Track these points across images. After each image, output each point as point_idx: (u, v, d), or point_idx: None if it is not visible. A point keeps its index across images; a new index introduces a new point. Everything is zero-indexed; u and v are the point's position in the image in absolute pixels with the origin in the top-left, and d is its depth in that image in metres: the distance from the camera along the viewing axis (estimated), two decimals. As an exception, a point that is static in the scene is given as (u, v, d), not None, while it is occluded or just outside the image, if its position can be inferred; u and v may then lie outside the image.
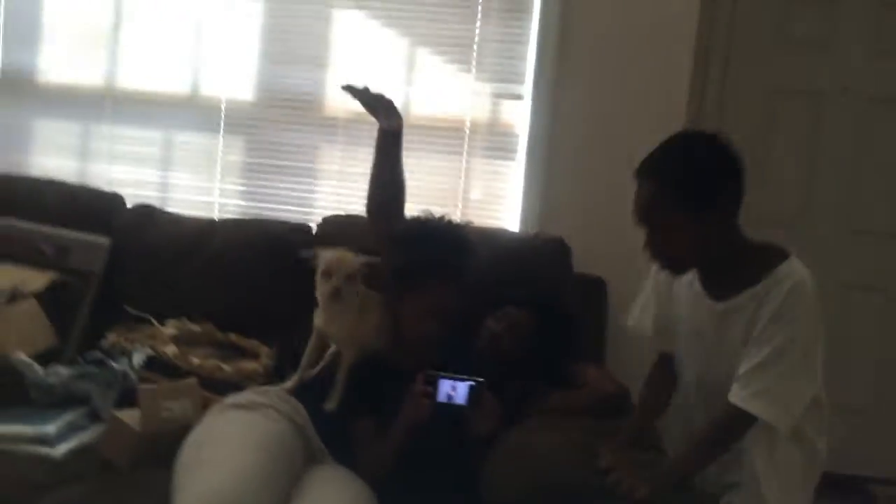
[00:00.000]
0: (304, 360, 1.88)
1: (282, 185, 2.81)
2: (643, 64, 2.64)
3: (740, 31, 3.20)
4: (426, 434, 1.66)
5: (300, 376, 1.87)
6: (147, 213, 2.53)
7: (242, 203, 2.83)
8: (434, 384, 1.66)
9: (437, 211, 1.92)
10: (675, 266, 1.55)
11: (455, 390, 1.67)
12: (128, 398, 1.84)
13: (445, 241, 1.86)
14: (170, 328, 2.16)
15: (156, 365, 2.00)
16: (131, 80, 2.86)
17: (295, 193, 2.81)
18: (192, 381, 1.87)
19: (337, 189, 2.80)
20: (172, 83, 2.85)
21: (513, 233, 2.63)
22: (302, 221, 2.57)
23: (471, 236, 1.91)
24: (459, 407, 1.67)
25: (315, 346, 1.89)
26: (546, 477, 1.58)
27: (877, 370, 3.32)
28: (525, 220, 2.68)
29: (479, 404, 1.67)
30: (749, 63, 3.27)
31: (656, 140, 2.58)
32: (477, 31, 2.70)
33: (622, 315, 2.44)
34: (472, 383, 1.67)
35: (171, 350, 2.02)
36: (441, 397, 1.66)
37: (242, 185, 2.84)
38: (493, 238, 2.39)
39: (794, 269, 1.51)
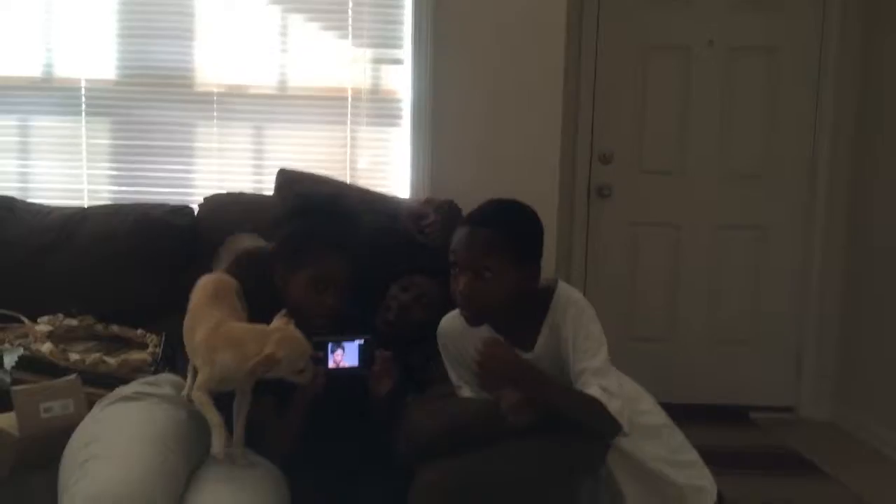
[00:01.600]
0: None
1: (156, 167, 2.67)
2: (519, 24, 2.66)
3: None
4: (324, 403, 1.62)
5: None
6: (6, 206, 2.34)
7: (115, 188, 2.67)
8: (323, 350, 1.62)
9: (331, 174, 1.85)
10: (480, 313, 1.64)
11: (344, 353, 1.63)
12: (2, 402, 1.70)
13: (324, 211, 1.83)
14: (43, 325, 2.00)
15: (31, 365, 1.84)
16: (-23, 64, 2.63)
17: (171, 175, 2.67)
18: (73, 377, 1.74)
19: (216, 167, 2.68)
20: (24, 65, 2.63)
21: (405, 199, 2.60)
22: (182, 203, 2.45)
23: (353, 204, 1.88)
24: (352, 369, 1.63)
25: None
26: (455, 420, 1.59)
27: (752, 302, 3.54)
28: (414, 185, 2.66)
29: (371, 362, 1.65)
30: (620, 20, 3.38)
31: (536, 97, 2.67)
32: (350, -5, 2.64)
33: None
34: (361, 341, 1.64)
35: (46, 347, 1.87)
36: (331, 363, 1.62)
37: (113, 169, 2.68)
38: (385, 204, 2.35)
39: (565, 292, 1.65)
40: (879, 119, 3.24)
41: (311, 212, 1.84)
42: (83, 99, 2.64)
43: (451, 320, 1.74)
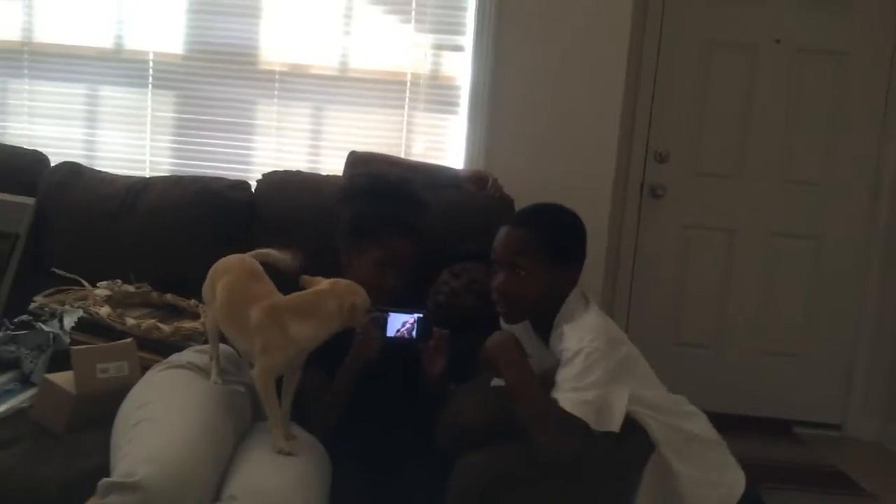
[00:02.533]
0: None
1: (216, 142, 2.71)
2: (583, 15, 2.63)
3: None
4: (376, 373, 1.64)
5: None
6: (74, 172, 2.40)
7: (176, 161, 2.72)
8: (382, 319, 1.64)
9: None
10: (515, 311, 1.69)
11: (405, 324, 1.66)
12: (61, 361, 1.76)
13: (399, 194, 1.88)
14: (103, 289, 2.06)
15: (89, 327, 1.91)
16: (50, 33, 2.69)
17: (230, 150, 2.71)
18: (129, 341, 1.79)
19: (274, 145, 2.72)
20: (95, 36, 2.70)
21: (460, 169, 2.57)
22: (239, 178, 2.49)
23: (421, 189, 1.92)
24: (409, 340, 1.66)
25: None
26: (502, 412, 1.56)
27: (804, 314, 3.45)
28: (468, 173, 2.65)
29: (427, 338, 1.67)
30: (685, 15, 3.31)
31: (596, 90, 2.64)
32: (416, -20, 2.64)
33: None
34: (419, 315, 1.67)
35: (104, 311, 1.93)
36: (391, 332, 1.65)
37: (174, 142, 2.73)
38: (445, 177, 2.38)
39: (570, 309, 1.65)
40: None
41: (381, 193, 1.88)
42: (150, 71, 2.69)
43: None
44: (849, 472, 2.97)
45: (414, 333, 1.67)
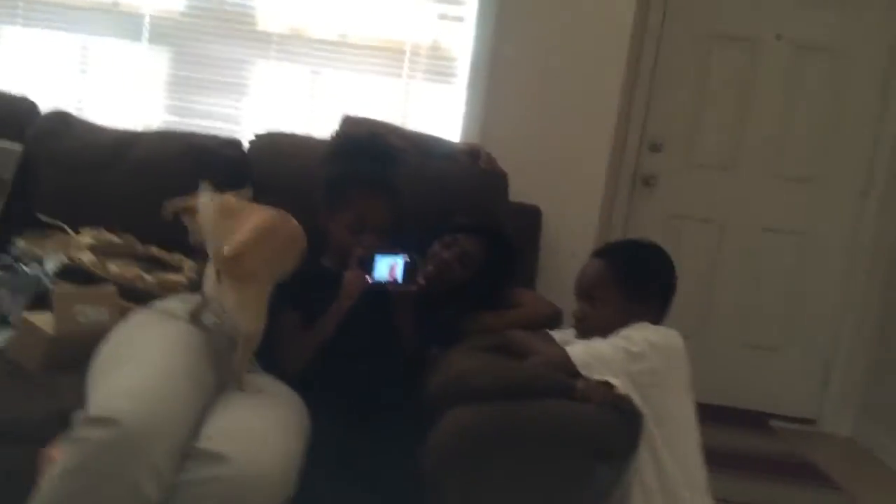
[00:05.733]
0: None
1: (210, 101, 2.69)
2: (586, 2, 2.61)
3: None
4: (360, 318, 1.64)
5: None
6: (63, 120, 2.35)
7: (169, 117, 2.70)
8: (370, 262, 1.65)
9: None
10: (587, 333, 1.70)
11: (393, 268, 1.67)
12: (41, 303, 1.74)
13: (369, 154, 1.86)
14: (86, 237, 2.03)
15: (71, 273, 1.87)
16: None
17: (225, 109, 2.70)
18: (110, 287, 1.77)
19: (270, 106, 2.70)
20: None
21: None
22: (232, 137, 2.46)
23: (394, 143, 1.93)
24: (395, 283, 1.67)
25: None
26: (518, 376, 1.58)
27: (787, 309, 3.48)
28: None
29: (412, 281, 1.69)
30: (687, 6, 3.31)
31: (595, 73, 2.63)
32: (419, -49, 2.62)
33: (553, 247, 2.50)
34: (406, 258, 1.68)
35: (87, 258, 1.90)
36: (378, 275, 1.66)
37: (168, 98, 2.71)
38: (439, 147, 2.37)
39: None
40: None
41: (350, 153, 1.86)
42: (146, 26, 2.66)
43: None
44: (820, 465, 3.00)
45: (402, 277, 1.67)
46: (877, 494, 2.83)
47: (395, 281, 1.68)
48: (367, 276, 1.66)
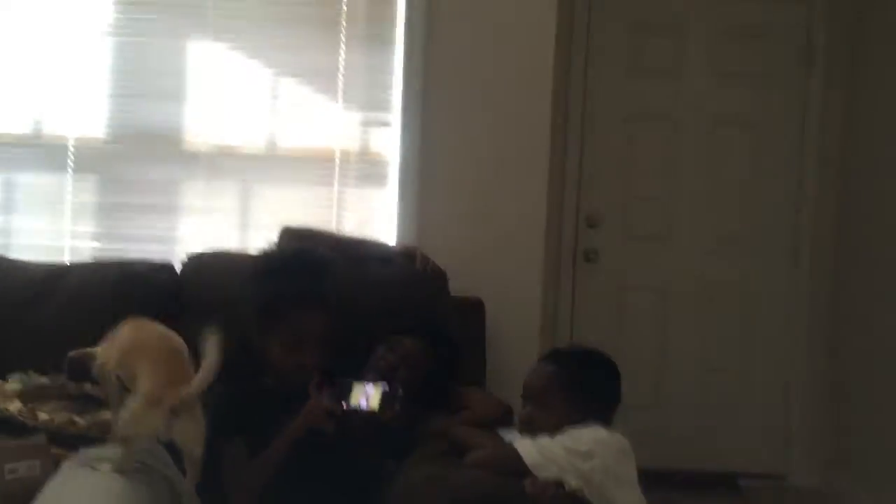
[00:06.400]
0: None
1: (141, 224, 2.66)
2: (506, 95, 2.69)
3: (597, 64, 3.37)
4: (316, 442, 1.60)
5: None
6: (-14, 261, 2.31)
7: (98, 245, 2.65)
8: (346, 389, 1.60)
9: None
10: (532, 434, 1.69)
11: (367, 396, 1.62)
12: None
13: (299, 268, 1.85)
14: (13, 383, 1.95)
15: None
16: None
17: (157, 232, 2.66)
18: (41, 438, 1.69)
19: (202, 225, 2.67)
20: (11, 122, 2.65)
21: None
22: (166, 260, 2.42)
23: (324, 255, 1.93)
24: (370, 414, 1.62)
25: None
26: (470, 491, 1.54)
27: (741, 370, 3.51)
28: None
29: (392, 408, 1.64)
30: (606, 89, 3.44)
31: (522, 161, 2.69)
32: (342, 60, 2.67)
33: (500, 336, 2.49)
34: (386, 388, 1.64)
35: (14, 406, 1.82)
36: (353, 403, 1.61)
37: (97, 226, 2.67)
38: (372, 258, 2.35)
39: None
40: (862, 189, 3.29)
41: (277, 270, 1.85)
42: (70, 156, 2.64)
43: None
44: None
45: (376, 405, 1.62)
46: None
47: (369, 410, 1.63)
48: (342, 403, 1.61)
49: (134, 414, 1.45)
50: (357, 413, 1.62)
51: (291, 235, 2.30)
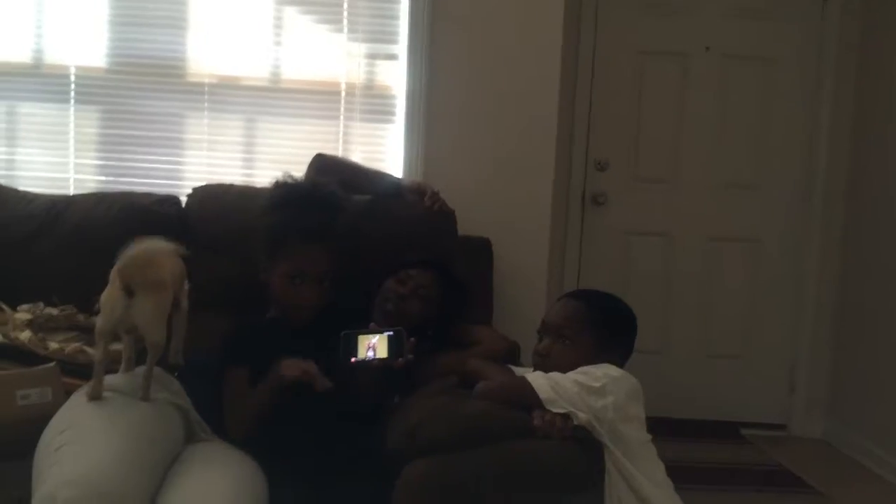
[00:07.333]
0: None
1: (145, 158, 2.62)
2: (516, 25, 2.62)
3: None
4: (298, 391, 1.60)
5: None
6: (-10, 192, 2.28)
7: (102, 178, 2.61)
8: (351, 343, 1.59)
9: None
10: (547, 369, 1.68)
11: (373, 345, 1.60)
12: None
13: (309, 203, 1.83)
14: (23, 313, 1.95)
15: (9, 353, 1.80)
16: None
17: (160, 166, 2.62)
18: (52, 366, 1.69)
19: (205, 159, 2.64)
20: (12, 51, 2.58)
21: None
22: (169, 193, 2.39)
23: (339, 196, 1.91)
24: (381, 360, 1.60)
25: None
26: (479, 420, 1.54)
27: (744, 317, 3.51)
28: (407, 182, 2.61)
29: (401, 354, 1.61)
30: (617, 26, 3.36)
31: (531, 98, 2.63)
32: (347, -12, 2.60)
33: (507, 276, 2.48)
34: (391, 332, 1.62)
35: (25, 335, 1.82)
36: (361, 355, 1.59)
37: (100, 158, 2.63)
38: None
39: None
40: (876, 131, 3.23)
41: (287, 204, 1.83)
42: (72, 86, 2.59)
43: None
44: (797, 471, 3.01)
45: (385, 353, 1.60)
46: (853, 493, 2.84)
47: (378, 359, 1.60)
48: (349, 358, 1.59)
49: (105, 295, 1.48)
50: (367, 363, 1.60)
51: (318, 164, 2.27)
